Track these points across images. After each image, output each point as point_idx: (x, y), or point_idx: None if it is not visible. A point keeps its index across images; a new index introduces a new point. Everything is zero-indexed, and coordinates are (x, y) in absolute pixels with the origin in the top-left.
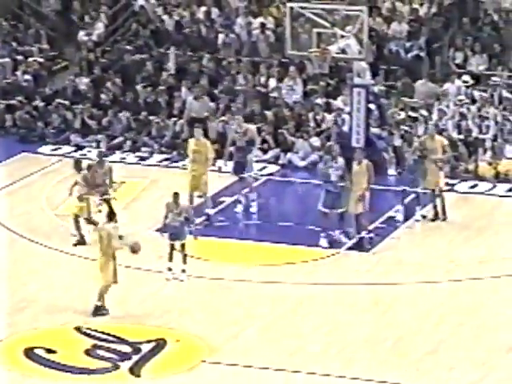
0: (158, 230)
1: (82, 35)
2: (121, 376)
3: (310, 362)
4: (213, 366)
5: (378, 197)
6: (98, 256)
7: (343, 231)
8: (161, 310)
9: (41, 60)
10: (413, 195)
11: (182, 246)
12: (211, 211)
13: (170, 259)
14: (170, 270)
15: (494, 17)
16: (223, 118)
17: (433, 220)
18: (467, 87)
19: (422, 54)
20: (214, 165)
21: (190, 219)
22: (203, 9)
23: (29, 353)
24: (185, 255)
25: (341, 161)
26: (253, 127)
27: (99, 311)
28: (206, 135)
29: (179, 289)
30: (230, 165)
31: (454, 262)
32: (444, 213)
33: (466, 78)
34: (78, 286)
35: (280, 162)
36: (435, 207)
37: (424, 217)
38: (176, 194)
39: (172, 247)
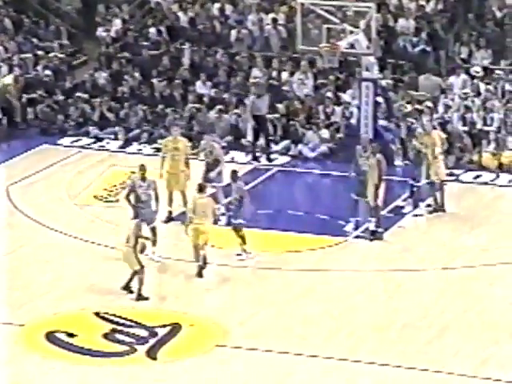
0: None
1: (100, 31)
2: (138, 359)
3: (320, 346)
4: (226, 350)
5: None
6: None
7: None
8: (175, 295)
9: (61, 55)
10: (417, 187)
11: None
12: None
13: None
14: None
15: (497, 13)
16: (236, 110)
17: (431, 212)
18: (474, 77)
19: (428, 48)
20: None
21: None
22: (217, 5)
23: (50, 336)
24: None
25: (370, 150)
26: (218, 146)
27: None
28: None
29: (193, 275)
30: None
31: (459, 249)
32: (443, 204)
33: (477, 68)
34: (97, 272)
35: (291, 153)
36: (435, 199)
37: (429, 205)
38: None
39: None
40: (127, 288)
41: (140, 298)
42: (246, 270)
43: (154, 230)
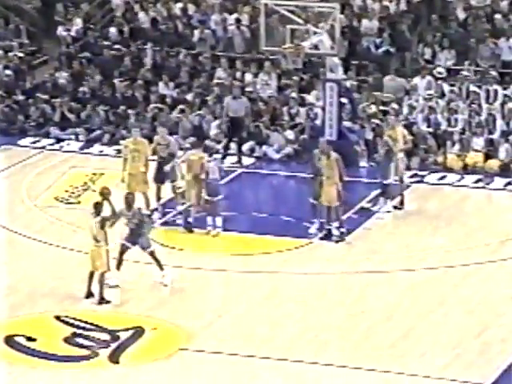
0: None
1: (61, 30)
2: (100, 363)
3: (285, 349)
4: (189, 353)
5: (349, 188)
6: None
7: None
8: (138, 298)
9: (21, 55)
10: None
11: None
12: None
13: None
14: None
15: (461, 14)
16: (199, 112)
17: (396, 208)
18: (439, 79)
19: (392, 49)
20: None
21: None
22: (179, 5)
23: (9, 341)
24: None
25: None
26: (174, 140)
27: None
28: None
29: (156, 278)
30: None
31: (424, 251)
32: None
33: (440, 69)
34: (57, 275)
35: (255, 154)
36: (401, 197)
37: (395, 207)
38: None
39: None
40: (103, 299)
41: (102, 301)
42: (210, 272)
43: (152, 254)
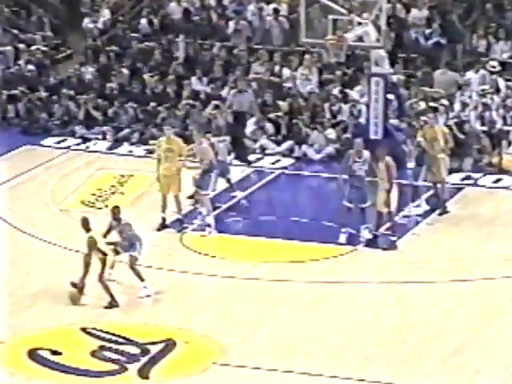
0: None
1: (86, 22)
2: (129, 378)
3: (326, 364)
4: (223, 368)
5: (396, 191)
6: None
7: (367, 226)
8: (169, 309)
9: (44, 48)
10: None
11: None
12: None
13: None
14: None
15: None
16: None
17: (441, 214)
18: (493, 73)
19: (443, 41)
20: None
21: None
22: None
23: (33, 354)
24: None
25: (366, 154)
26: (207, 144)
27: None
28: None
29: (188, 288)
30: None
31: (477, 259)
32: (445, 208)
33: (493, 63)
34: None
35: (294, 154)
36: (444, 201)
37: (445, 212)
38: None
39: None
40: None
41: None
42: (246, 281)
43: (132, 263)
